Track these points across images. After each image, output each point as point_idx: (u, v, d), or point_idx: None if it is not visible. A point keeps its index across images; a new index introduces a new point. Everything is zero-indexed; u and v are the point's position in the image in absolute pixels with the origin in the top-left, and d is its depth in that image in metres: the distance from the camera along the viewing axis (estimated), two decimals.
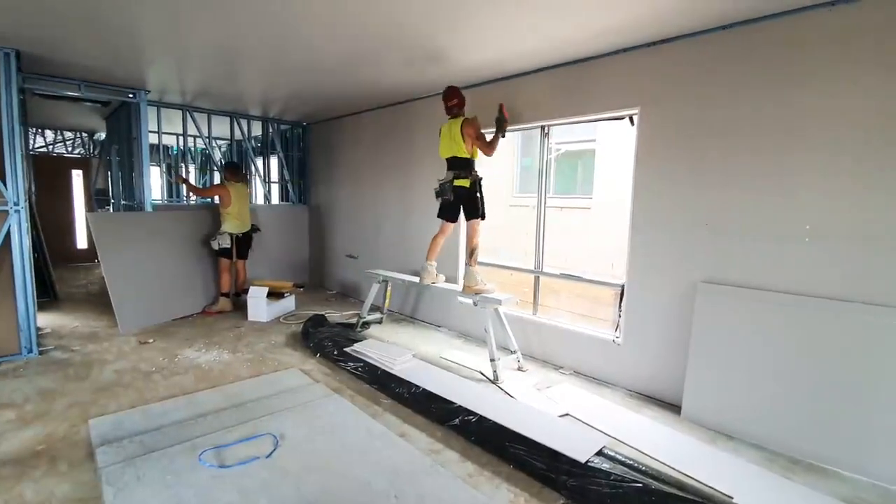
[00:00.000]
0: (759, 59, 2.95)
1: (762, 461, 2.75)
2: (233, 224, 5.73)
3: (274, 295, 5.63)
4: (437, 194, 4.26)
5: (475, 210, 4.13)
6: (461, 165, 4.11)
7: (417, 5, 2.93)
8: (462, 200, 4.16)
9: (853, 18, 2.63)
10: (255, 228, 6.08)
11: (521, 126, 4.50)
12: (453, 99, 4.14)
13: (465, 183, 4.09)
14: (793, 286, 2.88)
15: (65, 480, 2.41)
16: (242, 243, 5.90)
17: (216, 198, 5.94)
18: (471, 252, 4.23)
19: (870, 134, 2.61)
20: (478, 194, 4.12)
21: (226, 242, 5.63)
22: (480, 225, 4.21)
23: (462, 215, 4.30)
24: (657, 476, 2.44)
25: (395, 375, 3.68)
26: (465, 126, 4.01)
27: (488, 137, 4.04)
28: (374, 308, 5.38)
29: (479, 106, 4.70)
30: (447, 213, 4.29)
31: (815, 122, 2.78)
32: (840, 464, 2.66)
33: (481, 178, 4.17)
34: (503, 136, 4.03)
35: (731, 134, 3.09)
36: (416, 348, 4.52)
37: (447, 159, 4.19)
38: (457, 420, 3.02)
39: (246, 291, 5.68)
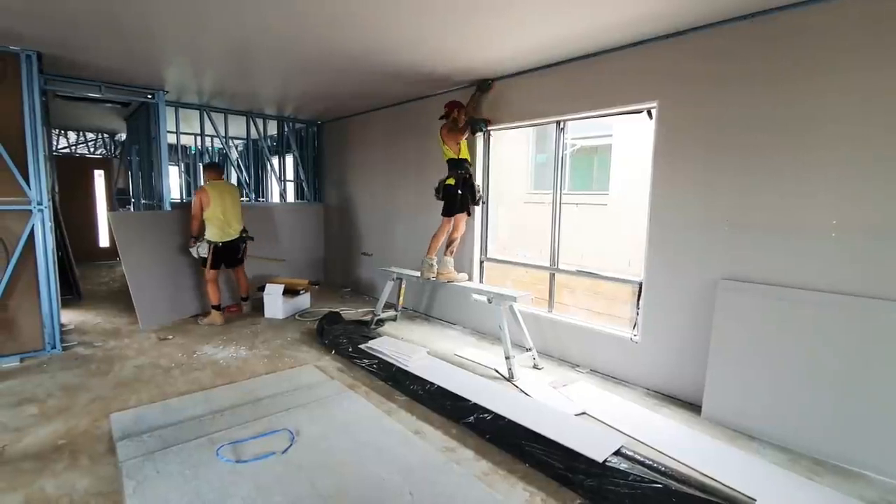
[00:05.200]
0: (782, 50, 2.86)
1: (785, 462, 2.67)
2: (214, 231, 5.02)
3: (290, 292, 5.67)
4: (435, 193, 4.65)
5: (458, 206, 4.53)
6: (451, 165, 4.55)
7: (431, 4, 2.91)
8: (449, 197, 4.54)
9: (881, 5, 2.52)
10: (244, 237, 5.31)
11: (537, 121, 4.45)
12: (445, 108, 4.59)
13: (451, 181, 4.50)
14: (817, 283, 2.79)
15: (86, 474, 2.46)
16: (228, 253, 5.18)
17: (202, 204, 5.01)
18: (449, 242, 4.69)
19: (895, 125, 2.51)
20: (459, 192, 4.48)
21: (204, 251, 5.02)
22: (464, 221, 4.70)
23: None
24: (677, 477, 2.39)
25: (409, 372, 3.67)
26: (441, 133, 4.55)
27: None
28: (389, 305, 5.39)
29: (490, 103, 4.68)
30: (444, 211, 4.63)
31: (839, 114, 2.68)
32: (867, 466, 2.58)
33: (469, 177, 4.55)
34: (472, 133, 4.64)
35: (752, 127, 3.00)
36: (431, 345, 4.51)
37: (446, 161, 4.61)
38: (472, 418, 3.01)
39: (246, 299, 5.60)
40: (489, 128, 4.82)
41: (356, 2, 2.89)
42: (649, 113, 3.59)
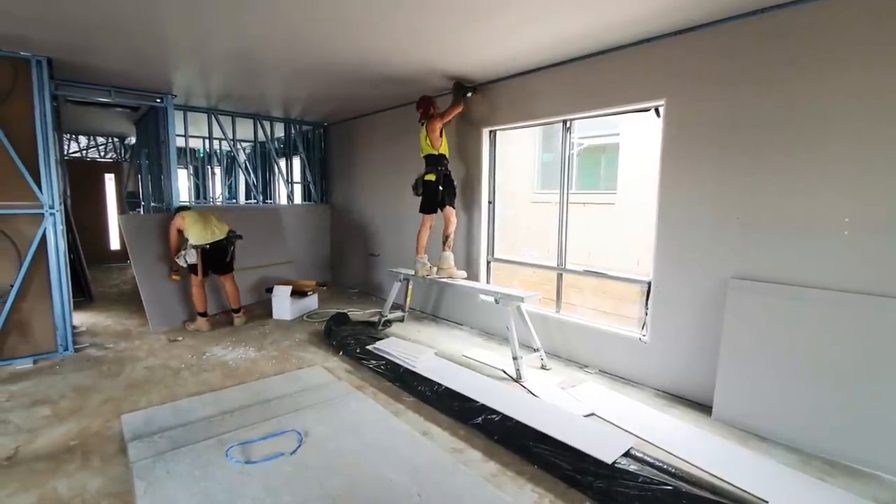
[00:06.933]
0: (791, 47, 2.82)
1: (797, 463, 2.64)
2: (196, 235, 4.83)
3: (297, 293, 5.69)
4: (413, 189, 4.71)
5: (443, 200, 4.62)
6: (431, 162, 4.59)
7: (430, 6, 2.91)
8: (430, 193, 4.59)
9: (887, 0, 2.48)
10: (231, 237, 5.06)
11: (543, 121, 4.44)
12: (419, 109, 4.68)
13: (432, 177, 4.58)
14: (830, 282, 2.75)
15: (97, 475, 2.48)
16: (214, 256, 4.94)
17: (179, 228, 4.93)
18: (445, 238, 4.70)
19: None
20: (440, 187, 4.56)
21: (192, 258, 4.85)
22: (454, 214, 4.72)
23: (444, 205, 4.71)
24: (687, 478, 2.37)
25: (417, 373, 3.67)
26: (428, 125, 4.52)
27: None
28: (396, 306, 5.39)
29: (496, 102, 4.67)
30: (423, 207, 4.73)
31: (846, 112, 2.65)
32: (879, 467, 2.54)
33: (448, 173, 4.65)
34: (470, 94, 4.70)
35: (761, 124, 2.97)
36: (438, 346, 4.51)
37: (423, 158, 4.67)
38: (479, 419, 3.00)
39: (238, 311, 5.26)
40: (497, 127, 4.82)
41: (355, 2, 2.90)
42: (657, 111, 3.57)
